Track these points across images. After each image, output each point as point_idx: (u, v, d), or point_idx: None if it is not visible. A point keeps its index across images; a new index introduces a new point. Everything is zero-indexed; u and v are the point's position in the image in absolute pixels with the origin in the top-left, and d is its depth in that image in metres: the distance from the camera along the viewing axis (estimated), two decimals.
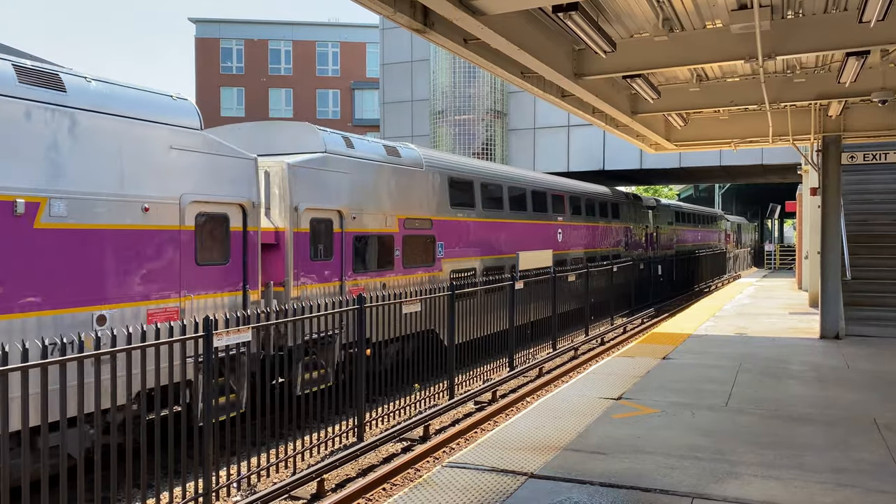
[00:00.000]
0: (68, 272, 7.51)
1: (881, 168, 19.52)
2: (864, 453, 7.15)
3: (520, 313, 15.10)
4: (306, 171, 11.16)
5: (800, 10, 9.47)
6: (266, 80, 54.16)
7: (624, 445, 7.45)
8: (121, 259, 8.06)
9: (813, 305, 20.01)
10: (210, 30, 54.08)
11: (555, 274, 16.95)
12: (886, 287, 16.65)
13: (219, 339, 7.03)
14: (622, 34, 10.46)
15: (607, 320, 21.15)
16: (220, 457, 8.10)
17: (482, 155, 30.57)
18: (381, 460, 9.27)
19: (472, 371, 12.89)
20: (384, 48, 35.29)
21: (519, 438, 7.79)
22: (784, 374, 11.11)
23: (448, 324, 11.98)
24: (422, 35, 8.32)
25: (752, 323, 17.21)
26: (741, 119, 15.88)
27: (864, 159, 15.03)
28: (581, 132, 31.14)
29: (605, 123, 15.09)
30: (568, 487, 6.26)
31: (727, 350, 13.31)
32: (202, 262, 9.12)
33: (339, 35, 55.08)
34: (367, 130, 49.37)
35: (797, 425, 8.20)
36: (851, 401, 9.37)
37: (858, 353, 13.05)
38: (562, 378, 14.35)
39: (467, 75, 30.40)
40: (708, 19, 9.84)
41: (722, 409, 8.97)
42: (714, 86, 13.29)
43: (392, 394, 10.71)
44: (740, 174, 35.98)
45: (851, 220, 18.75)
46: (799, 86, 12.74)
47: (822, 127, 15.06)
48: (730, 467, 6.74)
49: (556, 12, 7.68)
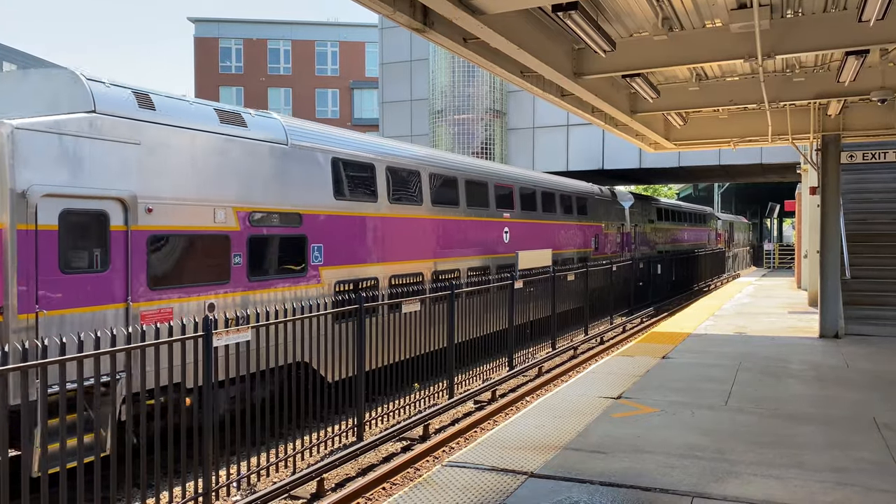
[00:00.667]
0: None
1: (880, 167, 19.52)
2: (863, 452, 7.15)
3: (418, 341, 11.67)
4: (48, 137, 7.66)
5: (799, 10, 9.47)
6: (265, 79, 54.15)
7: (624, 445, 7.45)
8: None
9: (812, 304, 20.02)
10: (209, 29, 54.06)
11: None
12: (886, 286, 16.66)
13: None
14: (622, 33, 10.46)
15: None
16: (219, 456, 8.10)
17: (482, 154, 30.56)
18: (381, 460, 9.28)
19: (471, 370, 12.89)
20: (383, 48, 35.28)
21: (519, 438, 7.79)
22: (784, 373, 11.11)
23: (448, 324, 11.95)
24: (421, 34, 8.32)
25: (752, 322, 17.21)
26: (740, 118, 15.88)
27: (864, 158, 15.04)
28: (580, 131, 31.15)
29: (605, 123, 15.09)
30: (568, 487, 6.26)
31: (727, 349, 13.31)
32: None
33: (339, 34, 55.07)
34: (367, 130, 49.38)
35: (797, 424, 8.20)
36: (851, 400, 9.37)
37: (858, 352, 13.05)
38: (560, 377, 14.35)
39: (466, 75, 30.39)
40: (707, 18, 9.84)
41: (722, 408, 8.97)
42: (713, 85, 13.29)
43: (392, 393, 10.71)
44: (739, 173, 35.98)
45: (851, 219, 18.74)
46: (798, 85, 12.74)
47: (822, 126, 15.06)
48: (730, 466, 6.74)
49: (556, 11, 7.68)
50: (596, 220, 23.63)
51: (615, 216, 25.74)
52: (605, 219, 24.54)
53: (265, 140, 10.43)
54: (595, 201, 23.68)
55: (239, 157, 9.95)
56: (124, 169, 8.42)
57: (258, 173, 10.24)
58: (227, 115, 10.00)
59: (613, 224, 25.53)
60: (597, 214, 23.74)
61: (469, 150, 30.41)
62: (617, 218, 25.88)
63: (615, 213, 25.76)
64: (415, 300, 11.01)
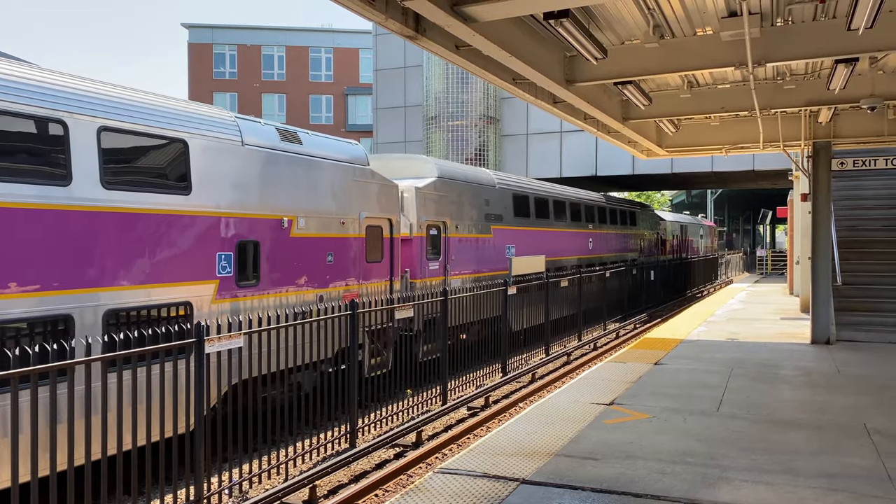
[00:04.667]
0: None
1: (871, 174, 19.65)
2: (854, 458, 7.18)
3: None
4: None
5: (789, 18, 9.55)
6: (259, 85, 54.19)
7: (616, 451, 7.46)
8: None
9: (804, 311, 20.11)
10: (203, 35, 54.09)
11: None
12: (877, 292, 16.75)
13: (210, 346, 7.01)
14: (613, 41, 10.52)
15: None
16: (212, 463, 8.07)
17: (475, 161, 30.62)
18: (374, 466, 9.26)
19: (464, 376, 12.89)
20: (377, 54, 35.35)
21: (511, 444, 7.80)
22: (775, 379, 11.15)
23: (442, 325, 11.96)
24: (414, 41, 8.35)
25: (744, 328, 17.27)
26: (732, 125, 15.97)
27: (854, 165, 15.14)
28: (574, 138, 31.26)
29: (597, 129, 15.15)
30: (560, 493, 6.26)
31: (719, 355, 13.35)
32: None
33: (333, 41, 55.18)
34: (361, 136, 49.45)
35: (788, 430, 8.23)
36: (842, 406, 9.41)
37: (849, 358, 13.11)
38: (553, 383, 14.36)
39: (460, 81, 30.48)
40: (698, 26, 9.91)
41: (714, 414, 9.00)
42: (705, 92, 13.37)
43: (385, 399, 10.69)
44: (732, 180, 36.17)
45: (842, 225, 18.85)
46: (789, 92, 12.83)
47: (813, 133, 15.16)
48: (721, 472, 6.76)
49: (548, 19, 7.72)
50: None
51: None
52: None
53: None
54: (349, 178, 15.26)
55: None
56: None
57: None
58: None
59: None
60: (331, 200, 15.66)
61: (463, 157, 30.47)
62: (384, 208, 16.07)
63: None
64: (407, 307, 11.01)
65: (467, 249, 16.21)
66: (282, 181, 10.43)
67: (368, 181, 12.35)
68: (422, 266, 14.45)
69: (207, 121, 9.32)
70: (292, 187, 10.62)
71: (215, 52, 54.01)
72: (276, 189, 10.28)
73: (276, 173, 10.32)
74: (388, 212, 12.88)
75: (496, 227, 17.61)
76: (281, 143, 10.56)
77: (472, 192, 16.66)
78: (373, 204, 12.42)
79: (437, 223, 15.03)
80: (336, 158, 11.62)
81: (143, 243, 8.20)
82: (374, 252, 12.46)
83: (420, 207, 14.36)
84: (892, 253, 17.77)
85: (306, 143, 11.13)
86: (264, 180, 10.10)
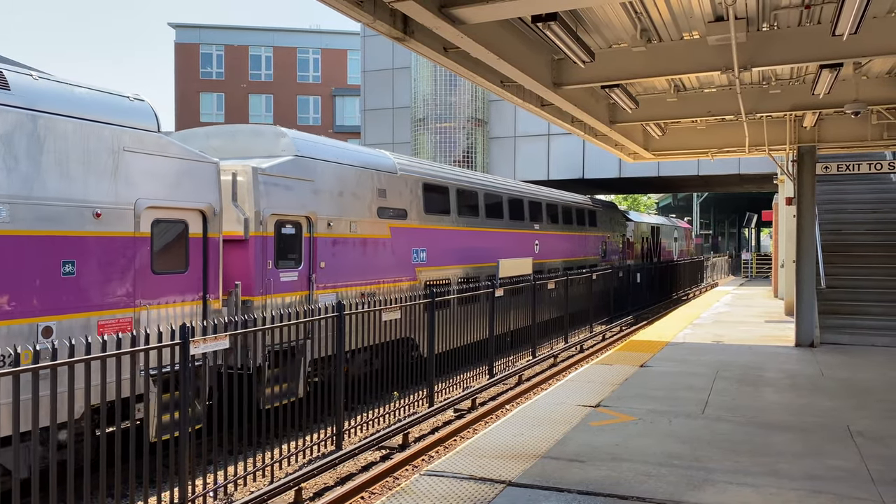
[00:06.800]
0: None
1: (855, 178, 19.86)
2: (837, 460, 7.24)
3: None
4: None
5: (775, 23, 9.63)
6: (246, 85, 53.98)
7: (602, 453, 7.48)
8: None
9: (789, 314, 20.27)
10: (190, 35, 53.82)
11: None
12: (860, 296, 16.90)
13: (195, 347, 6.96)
14: (601, 44, 10.56)
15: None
16: (196, 466, 8.01)
17: (462, 163, 30.64)
18: (360, 469, 9.23)
19: (451, 378, 12.88)
20: (365, 55, 35.30)
21: (497, 446, 7.80)
22: (760, 381, 11.22)
23: (428, 333, 11.94)
24: (401, 43, 8.34)
25: (730, 331, 17.37)
26: (718, 129, 16.08)
27: (839, 170, 15.27)
28: (561, 141, 31.35)
29: (584, 132, 15.20)
30: (546, 495, 6.27)
31: (704, 358, 13.42)
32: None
33: (321, 42, 55.07)
34: (349, 137, 49.36)
35: (773, 432, 8.28)
36: (826, 408, 9.48)
37: (833, 361, 13.22)
38: (540, 385, 14.38)
39: (448, 83, 30.50)
40: (685, 31, 9.96)
41: (699, 416, 9.04)
42: (691, 96, 13.45)
43: (372, 402, 10.66)
44: (718, 183, 36.39)
45: (826, 229, 19.03)
46: (774, 97, 12.93)
47: (798, 138, 15.29)
48: (706, 474, 6.79)
49: (536, 22, 7.74)
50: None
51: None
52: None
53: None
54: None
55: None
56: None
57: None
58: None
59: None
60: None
61: (451, 159, 30.49)
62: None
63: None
64: (395, 308, 10.98)
65: (348, 254, 12.42)
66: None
67: (157, 155, 8.81)
68: (264, 278, 10.59)
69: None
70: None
71: (202, 52, 53.75)
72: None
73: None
74: (196, 200, 9.36)
75: (396, 226, 13.85)
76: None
77: (357, 179, 12.81)
78: (167, 188, 8.98)
79: (294, 218, 11.27)
80: (85, 116, 7.99)
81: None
82: (171, 259, 9.06)
83: (262, 196, 10.53)
84: (875, 257, 17.95)
85: (15, 87, 7.34)
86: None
